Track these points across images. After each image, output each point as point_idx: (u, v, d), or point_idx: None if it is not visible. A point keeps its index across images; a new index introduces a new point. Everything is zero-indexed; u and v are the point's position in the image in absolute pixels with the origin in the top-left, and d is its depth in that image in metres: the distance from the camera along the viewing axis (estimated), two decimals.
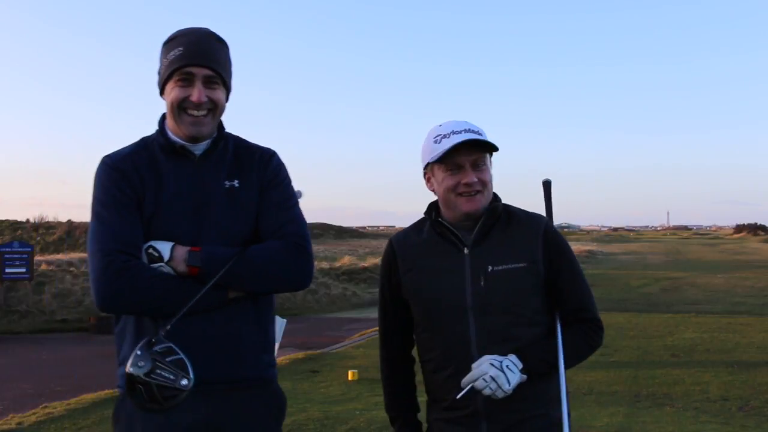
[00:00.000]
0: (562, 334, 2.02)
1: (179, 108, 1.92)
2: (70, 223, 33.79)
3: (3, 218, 34.75)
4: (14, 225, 33.95)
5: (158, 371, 1.70)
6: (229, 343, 1.92)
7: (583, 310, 2.08)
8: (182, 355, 1.74)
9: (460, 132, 2.01)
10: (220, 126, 2.03)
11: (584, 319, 2.08)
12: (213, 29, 2.01)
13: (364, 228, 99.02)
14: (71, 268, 18.05)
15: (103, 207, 1.89)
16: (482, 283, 2.00)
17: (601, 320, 2.11)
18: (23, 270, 15.24)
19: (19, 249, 15.40)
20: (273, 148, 2.13)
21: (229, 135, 2.08)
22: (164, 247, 1.87)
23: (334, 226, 55.59)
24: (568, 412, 1.95)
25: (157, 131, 2.01)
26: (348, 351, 10.72)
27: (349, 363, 9.23)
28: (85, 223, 33.36)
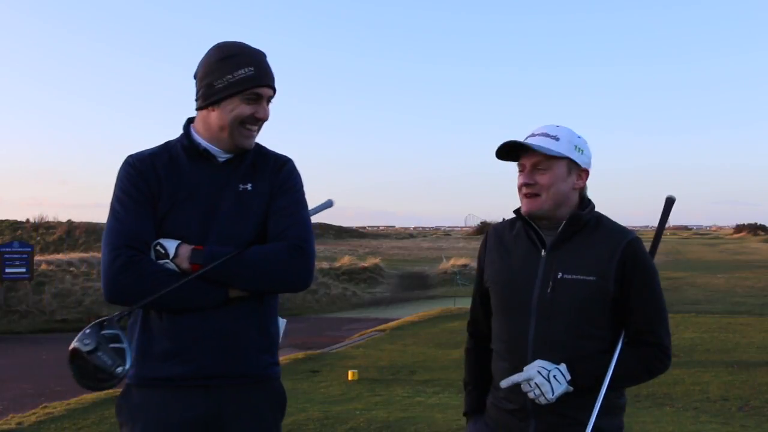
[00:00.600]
0: (621, 354, 1.98)
1: (240, 122, 1.98)
2: (70, 223, 33.84)
3: (3, 218, 34.81)
4: (14, 225, 33.97)
5: (99, 353, 1.78)
6: (230, 341, 1.96)
7: (648, 333, 2.02)
8: (125, 345, 1.81)
9: (536, 135, 2.04)
10: None
11: (648, 343, 2.02)
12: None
13: (364, 228, 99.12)
14: (71, 268, 18.08)
15: (119, 204, 1.98)
16: (549, 289, 2.00)
17: (668, 347, 2.04)
18: (23, 270, 15.28)
19: (19, 249, 15.44)
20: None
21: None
22: (170, 245, 1.94)
23: (334, 226, 55.66)
24: (593, 423, 1.92)
25: (182, 134, 2.06)
26: (348, 351, 10.72)
27: (349, 363, 9.23)
28: (84, 223, 33.50)
